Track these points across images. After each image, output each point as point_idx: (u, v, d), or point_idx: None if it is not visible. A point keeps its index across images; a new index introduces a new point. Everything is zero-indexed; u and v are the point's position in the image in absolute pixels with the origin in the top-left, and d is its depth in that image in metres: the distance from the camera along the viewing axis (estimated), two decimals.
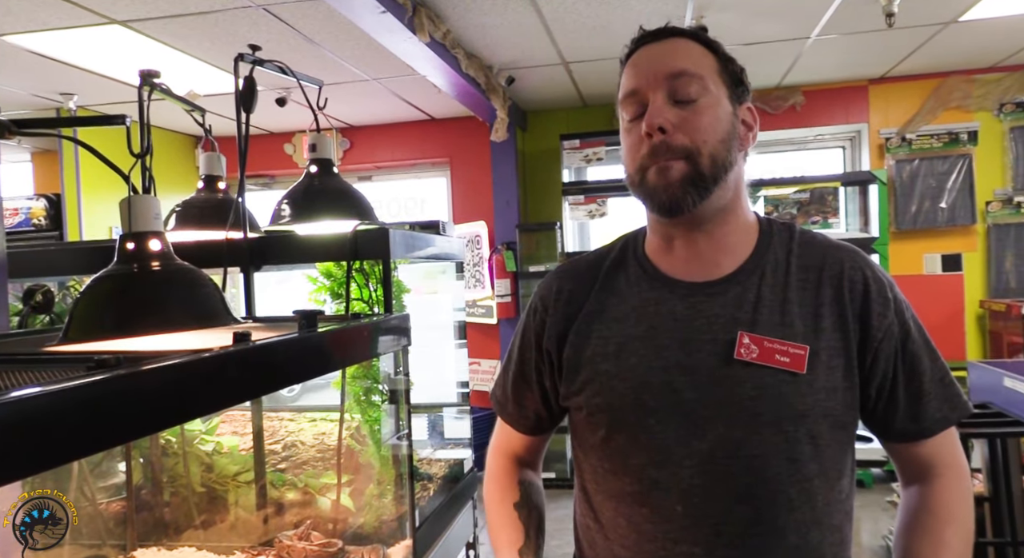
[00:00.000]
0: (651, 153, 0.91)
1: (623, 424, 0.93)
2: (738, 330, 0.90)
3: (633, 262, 1.02)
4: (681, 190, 0.90)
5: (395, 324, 1.44)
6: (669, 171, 0.90)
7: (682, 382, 0.90)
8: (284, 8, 3.02)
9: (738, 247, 0.97)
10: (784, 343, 0.89)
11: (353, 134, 5.45)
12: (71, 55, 3.50)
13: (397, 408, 1.59)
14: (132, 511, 1.39)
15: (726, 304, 0.93)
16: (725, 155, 0.92)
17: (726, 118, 0.93)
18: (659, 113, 0.90)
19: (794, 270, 0.95)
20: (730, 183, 0.94)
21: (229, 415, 1.76)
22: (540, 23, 3.38)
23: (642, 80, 0.93)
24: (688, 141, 0.90)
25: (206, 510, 1.53)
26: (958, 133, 4.62)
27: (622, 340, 0.96)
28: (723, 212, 0.95)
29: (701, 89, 0.91)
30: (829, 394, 0.89)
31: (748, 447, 0.88)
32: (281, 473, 1.61)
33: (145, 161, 1.10)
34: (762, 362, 0.88)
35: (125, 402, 0.63)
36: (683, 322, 0.93)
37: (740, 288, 0.94)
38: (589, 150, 4.75)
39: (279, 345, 0.91)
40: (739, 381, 0.88)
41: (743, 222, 0.98)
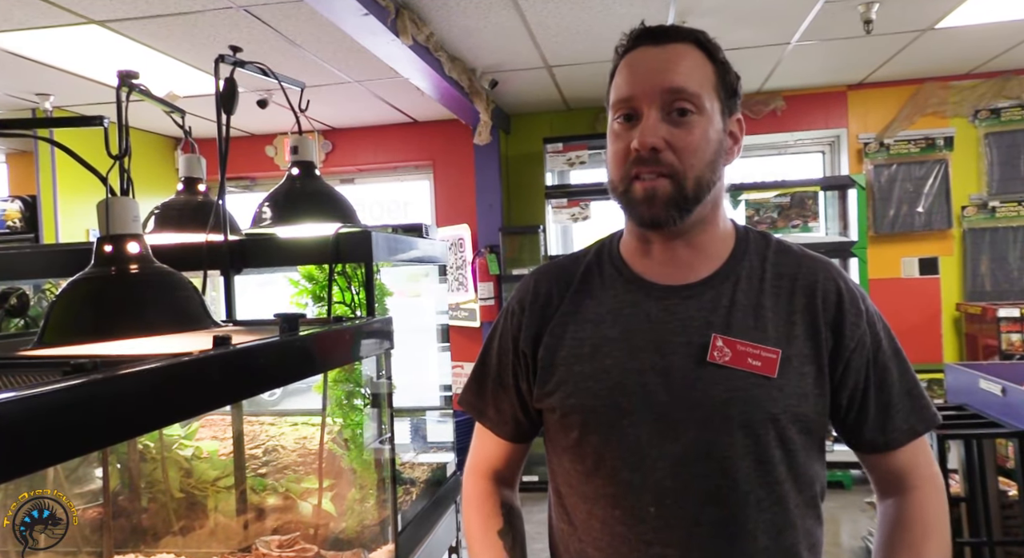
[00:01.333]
0: (637, 161, 0.91)
1: (597, 425, 0.94)
2: (712, 333, 0.91)
3: (609, 264, 1.03)
4: (664, 211, 0.92)
5: (377, 327, 1.43)
6: (654, 190, 0.91)
7: (656, 384, 0.91)
8: (265, 9, 3.00)
9: (715, 253, 0.98)
10: (757, 346, 0.90)
11: (335, 136, 5.42)
12: (48, 55, 3.45)
13: (379, 412, 1.58)
14: (109, 518, 1.37)
15: (701, 307, 0.94)
16: (710, 176, 0.93)
17: (716, 137, 0.93)
18: (653, 131, 0.90)
19: (769, 277, 0.96)
20: (711, 197, 0.95)
21: (209, 419, 1.74)
22: (523, 26, 3.39)
23: (637, 89, 0.92)
24: (677, 161, 0.90)
25: (185, 516, 1.51)
26: (934, 139, 4.69)
27: (597, 341, 0.96)
28: (702, 222, 0.97)
29: (696, 108, 0.91)
30: (800, 399, 0.90)
31: (720, 449, 0.89)
32: (262, 478, 1.59)
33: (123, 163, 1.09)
34: (734, 365, 0.90)
35: (102, 407, 0.62)
36: (658, 324, 0.94)
37: (715, 292, 0.95)
38: (572, 153, 4.76)
39: (260, 349, 0.90)
40: (712, 383, 0.90)
41: (721, 229, 1.00)
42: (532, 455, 1.16)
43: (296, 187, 1.59)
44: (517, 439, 1.11)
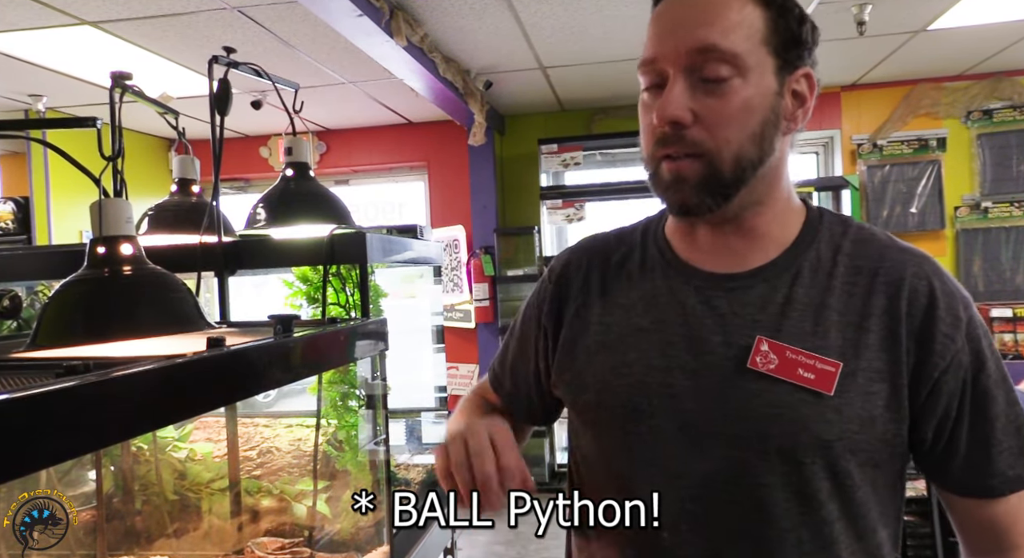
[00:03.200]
0: (661, 140, 0.76)
1: (611, 427, 0.82)
2: (756, 335, 0.76)
3: (652, 243, 0.88)
4: (695, 196, 0.76)
5: (372, 329, 1.43)
6: (681, 172, 0.76)
7: (684, 387, 0.77)
8: (259, 10, 2.99)
9: (774, 239, 0.82)
10: (811, 356, 0.74)
11: (330, 138, 5.42)
12: (40, 56, 3.43)
13: (374, 413, 1.58)
14: (102, 520, 1.37)
15: (748, 303, 0.79)
16: (755, 152, 0.76)
17: (764, 103, 0.75)
18: (675, 102, 0.74)
19: (841, 271, 0.79)
20: (764, 174, 0.78)
21: (203, 421, 1.74)
22: (518, 27, 3.39)
23: (660, 49, 0.76)
24: (707, 137, 0.74)
25: (179, 518, 1.51)
26: (927, 140, 4.71)
27: (624, 330, 0.83)
28: (756, 204, 0.80)
29: (734, 69, 0.73)
30: (863, 424, 0.73)
31: (753, 475, 0.74)
32: (256, 480, 1.59)
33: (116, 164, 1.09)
34: (780, 375, 0.74)
35: (95, 409, 0.62)
36: (693, 318, 0.80)
37: (767, 286, 0.79)
38: (567, 154, 4.76)
39: (254, 350, 0.90)
40: (750, 395, 0.75)
41: (783, 210, 0.83)
42: (527, 456, 1.16)
43: (290, 188, 1.59)
44: (526, 419, 1.01)
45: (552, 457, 4.78)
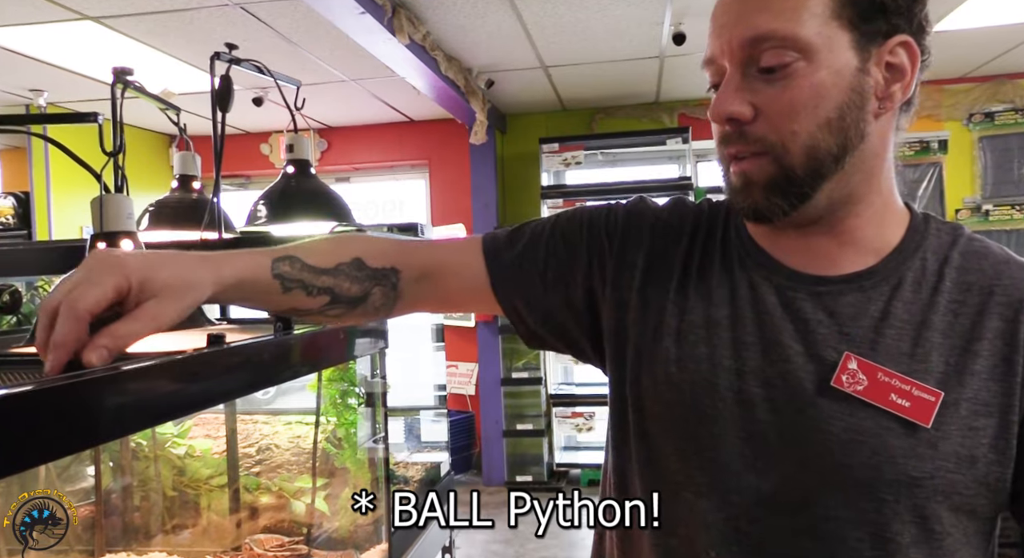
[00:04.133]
0: (723, 141, 0.70)
1: (667, 423, 0.73)
2: (846, 349, 0.67)
3: (733, 229, 0.78)
4: (764, 199, 0.68)
5: (372, 326, 1.43)
6: (748, 174, 0.69)
7: (757, 395, 0.69)
8: (261, 7, 2.99)
9: (871, 243, 0.72)
10: (907, 380, 0.65)
11: (331, 135, 5.41)
12: (42, 51, 3.43)
13: (374, 411, 1.58)
14: (100, 516, 1.37)
15: (837, 312, 0.69)
16: (834, 142, 0.66)
17: (841, 84, 0.66)
18: (729, 97, 0.67)
19: (948, 286, 0.69)
20: (856, 166, 0.69)
21: (202, 418, 1.74)
22: (520, 27, 3.39)
23: (717, 45, 0.70)
24: (771, 131, 0.67)
25: (177, 515, 1.51)
26: (929, 142, 4.71)
27: (696, 318, 0.73)
28: (847, 202, 0.70)
29: (799, 52, 0.65)
30: (961, 464, 0.64)
31: (823, 505, 0.66)
32: (255, 477, 1.59)
33: (117, 159, 1.09)
34: (869, 399, 0.65)
35: (95, 405, 0.62)
36: (773, 319, 0.70)
37: (862, 296, 0.69)
38: (568, 154, 4.76)
39: (254, 347, 0.90)
40: (831, 416, 0.66)
41: (883, 210, 0.73)
42: (524, 455, 1.15)
43: (291, 185, 1.59)
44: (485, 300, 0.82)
45: (551, 456, 4.78)
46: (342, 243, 0.79)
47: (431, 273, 0.81)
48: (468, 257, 0.83)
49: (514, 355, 4.84)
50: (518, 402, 4.81)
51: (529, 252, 0.82)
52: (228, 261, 0.69)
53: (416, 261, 0.80)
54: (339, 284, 0.75)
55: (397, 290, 0.79)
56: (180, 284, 0.63)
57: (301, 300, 0.73)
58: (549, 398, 4.82)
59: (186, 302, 0.63)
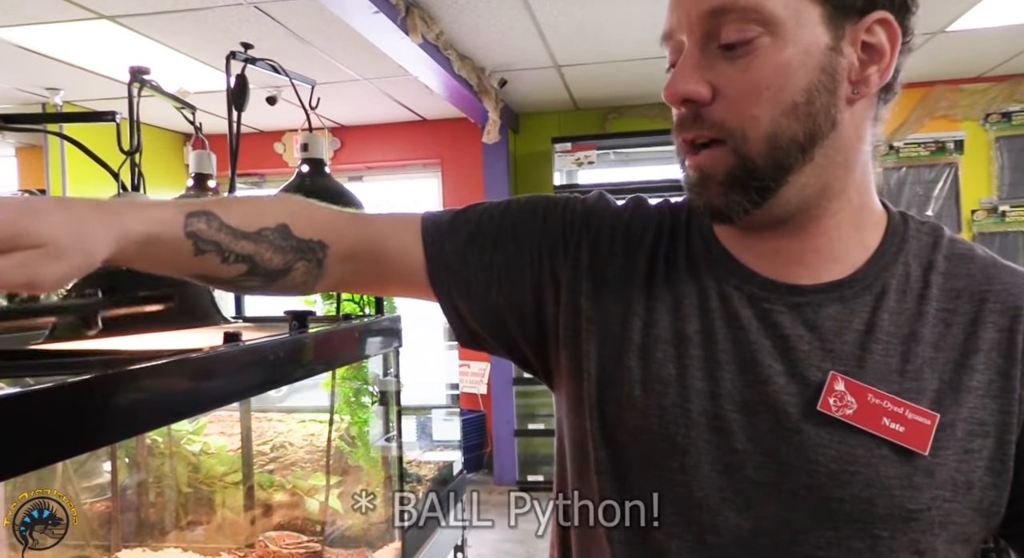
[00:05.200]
0: (679, 124, 0.63)
1: (633, 454, 0.64)
2: (831, 368, 0.60)
3: (697, 231, 0.70)
4: (722, 195, 0.61)
5: (386, 325, 1.43)
6: (705, 168, 0.61)
7: (735, 422, 0.61)
8: (275, 5, 3.00)
9: (848, 247, 0.65)
10: (899, 402, 0.58)
11: (344, 134, 5.43)
12: (58, 50, 3.46)
13: (387, 409, 1.59)
14: (117, 511, 1.38)
15: (819, 325, 0.62)
16: (799, 129, 0.59)
17: (809, 63, 0.58)
18: (685, 75, 0.60)
19: (935, 293, 0.63)
20: (826, 157, 0.61)
21: (217, 415, 1.75)
22: (533, 25, 3.38)
23: (674, 18, 0.62)
24: (730, 116, 0.59)
25: (192, 511, 1.51)
26: (944, 142, 4.67)
27: (662, 333, 0.64)
28: (821, 199, 0.63)
29: (763, 26, 0.57)
30: (957, 491, 0.58)
31: (812, 543, 0.59)
32: (269, 474, 1.60)
33: (134, 158, 1.09)
34: (860, 424, 0.58)
35: (113, 402, 0.62)
36: (752, 334, 0.63)
37: (843, 308, 0.62)
38: (580, 153, 4.75)
39: (270, 346, 0.90)
40: (818, 445, 0.59)
41: (859, 211, 0.65)
42: (537, 455, 1.14)
43: (306, 184, 1.59)
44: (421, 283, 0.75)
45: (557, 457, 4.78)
46: (268, 205, 0.70)
47: (362, 253, 0.73)
48: (405, 242, 0.75)
49: None
50: (530, 402, 4.80)
51: (474, 243, 0.73)
52: (133, 212, 0.58)
53: (348, 237, 0.72)
54: (260, 252, 0.65)
55: (322, 267, 0.70)
56: (70, 240, 0.51)
57: (214, 266, 0.64)
58: None
59: (73, 265, 0.51)
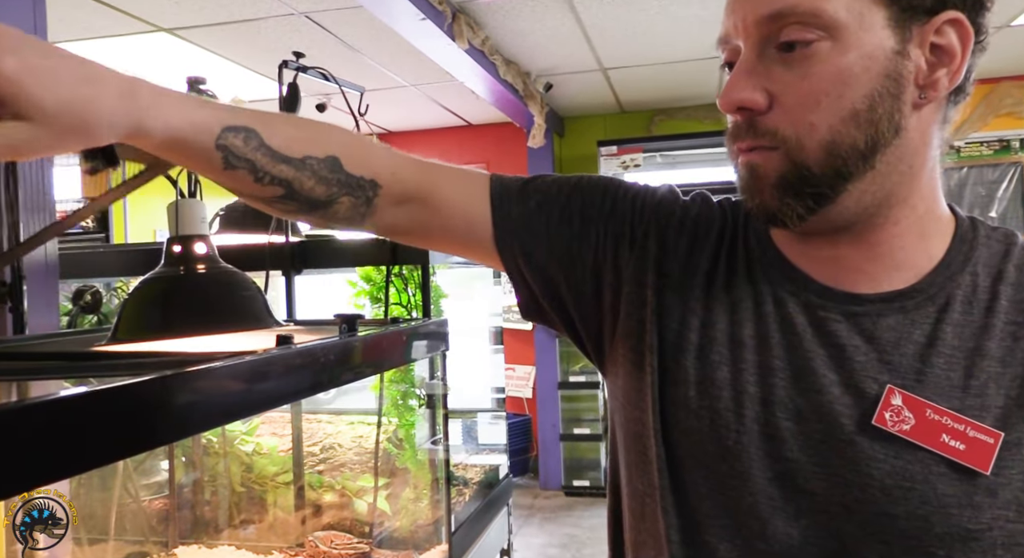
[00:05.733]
0: (732, 132, 0.61)
1: (688, 454, 0.63)
2: (888, 381, 0.57)
3: (753, 234, 0.68)
4: (775, 199, 0.59)
5: (433, 329, 1.44)
6: (756, 168, 0.59)
7: (787, 430, 0.59)
8: (326, 15, 3.06)
9: (912, 256, 0.62)
10: (961, 418, 0.55)
11: (392, 140, 5.50)
12: (120, 62, 3.59)
13: (433, 412, 1.60)
14: (174, 509, 1.42)
15: (878, 336, 0.59)
16: (860, 136, 0.57)
17: (872, 68, 0.56)
18: (740, 83, 0.58)
19: (1004, 305, 0.59)
20: (891, 165, 0.58)
21: (268, 417, 1.78)
22: (579, 29, 3.37)
23: (730, 21, 0.60)
24: (785, 124, 0.57)
25: (245, 510, 1.55)
26: (1009, 140, 4.48)
27: (719, 336, 0.63)
28: (883, 207, 0.60)
29: (823, 30, 0.55)
30: (1020, 513, 0.55)
31: (863, 557, 0.57)
32: (319, 475, 1.63)
33: None
34: (917, 441, 0.55)
35: (170, 403, 0.64)
36: (806, 342, 0.61)
37: (905, 318, 0.59)
38: (626, 156, 4.72)
39: (321, 348, 0.91)
40: (872, 458, 0.56)
41: (924, 218, 0.62)
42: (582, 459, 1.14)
43: None
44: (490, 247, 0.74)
45: (608, 461, 4.73)
46: (320, 133, 0.67)
47: (420, 199, 0.71)
48: (472, 197, 0.74)
49: (571, 358, 4.82)
50: (575, 406, 4.78)
51: (540, 214, 0.72)
52: (163, 106, 0.55)
53: (406, 181, 0.70)
54: (300, 180, 0.63)
55: (371, 206, 0.67)
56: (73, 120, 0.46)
57: (246, 183, 0.61)
58: (606, 402, 4.78)
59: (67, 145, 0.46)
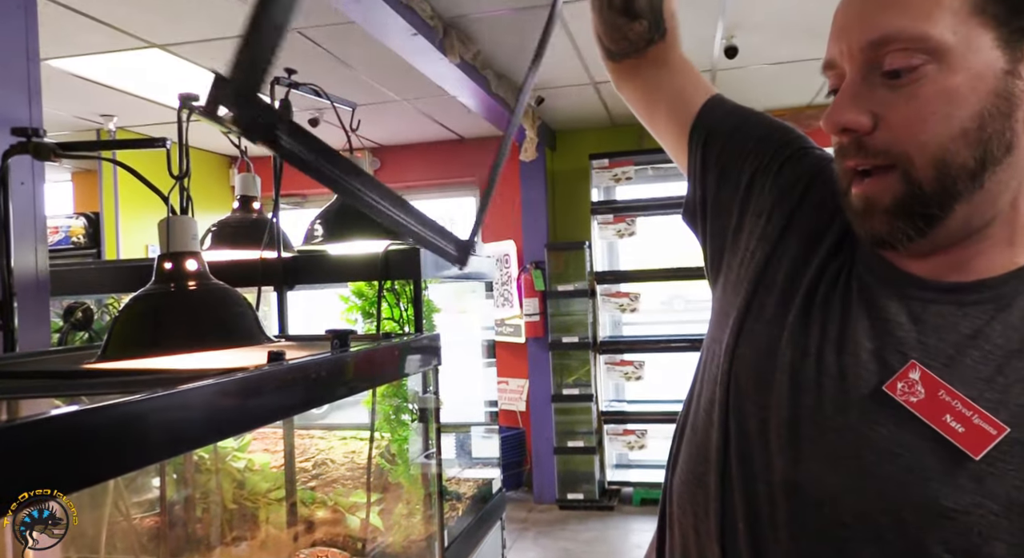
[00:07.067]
0: (839, 152, 0.63)
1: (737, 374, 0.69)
2: (915, 357, 0.61)
3: None
4: (886, 224, 0.61)
5: (426, 344, 1.45)
6: (871, 195, 0.61)
7: (809, 380, 0.64)
8: (318, 31, 3.08)
9: (991, 257, 0.64)
10: (972, 406, 0.57)
11: (384, 154, 5.51)
12: (112, 78, 3.60)
13: (426, 427, 1.59)
14: (166, 526, 1.41)
15: (923, 319, 0.62)
16: (969, 155, 0.58)
17: (981, 88, 0.57)
18: (844, 104, 0.61)
19: None
20: (1001, 183, 0.59)
21: (260, 433, 1.78)
22: (570, 43, 3.40)
23: (836, 47, 0.64)
24: (895, 141, 0.59)
25: (237, 526, 1.54)
26: None
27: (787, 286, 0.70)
28: (986, 228, 0.62)
29: (929, 54, 0.57)
30: (1008, 510, 0.55)
31: (841, 510, 0.60)
32: (311, 491, 1.62)
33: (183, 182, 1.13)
34: (920, 413, 0.58)
35: (163, 420, 0.64)
36: (858, 310, 0.66)
37: (957, 310, 0.62)
38: (618, 169, 4.74)
39: (313, 364, 0.92)
40: (872, 421, 0.60)
41: (1013, 228, 0.63)
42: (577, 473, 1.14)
43: (347, 205, 1.62)
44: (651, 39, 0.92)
45: (603, 474, 4.73)
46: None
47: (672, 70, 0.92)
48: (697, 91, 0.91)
49: (564, 371, 4.82)
50: (569, 419, 4.78)
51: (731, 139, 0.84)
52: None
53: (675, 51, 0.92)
54: None
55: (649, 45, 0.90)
56: None
57: None
58: (600, 415, 4.77)
59: None
